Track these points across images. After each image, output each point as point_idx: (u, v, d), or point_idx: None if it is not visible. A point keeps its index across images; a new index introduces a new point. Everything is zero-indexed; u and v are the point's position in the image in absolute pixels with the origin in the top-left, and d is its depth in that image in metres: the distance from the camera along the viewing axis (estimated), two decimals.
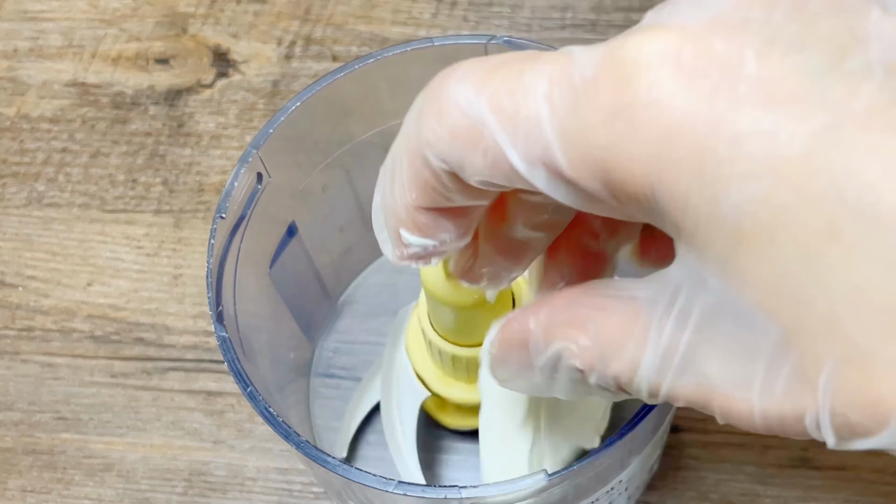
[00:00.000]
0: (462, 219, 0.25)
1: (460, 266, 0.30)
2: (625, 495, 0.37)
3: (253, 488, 0.42)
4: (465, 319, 0.34)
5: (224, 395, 0.44)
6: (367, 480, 0.30)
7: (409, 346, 0.39)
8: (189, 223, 0.49)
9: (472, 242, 0.28)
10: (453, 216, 0.25)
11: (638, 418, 0.30)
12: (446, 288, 0.33)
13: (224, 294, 0.34)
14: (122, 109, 0.52)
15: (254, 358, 0.35)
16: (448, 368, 0.37)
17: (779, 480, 0.41)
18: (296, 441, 0.31)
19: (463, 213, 0.25)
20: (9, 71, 0.54)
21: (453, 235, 0.25)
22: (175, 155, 0.51)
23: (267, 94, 0.52)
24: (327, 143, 0.40)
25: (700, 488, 0.41)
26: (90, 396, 0.45)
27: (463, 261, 0.30)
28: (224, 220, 0.35)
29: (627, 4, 0.52)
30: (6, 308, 0.47)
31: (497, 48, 0.37)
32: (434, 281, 0.33)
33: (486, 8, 0.54)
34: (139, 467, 0.43)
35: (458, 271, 0.31)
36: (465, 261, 0.30)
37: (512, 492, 0.29)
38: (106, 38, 0.55)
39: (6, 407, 0.45)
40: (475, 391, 0.37)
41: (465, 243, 0.26)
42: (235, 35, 0.54)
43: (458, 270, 0.31)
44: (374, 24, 0.54)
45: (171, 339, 0.46)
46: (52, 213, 0.50)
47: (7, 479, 0.43)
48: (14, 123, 0.52)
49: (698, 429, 0.42)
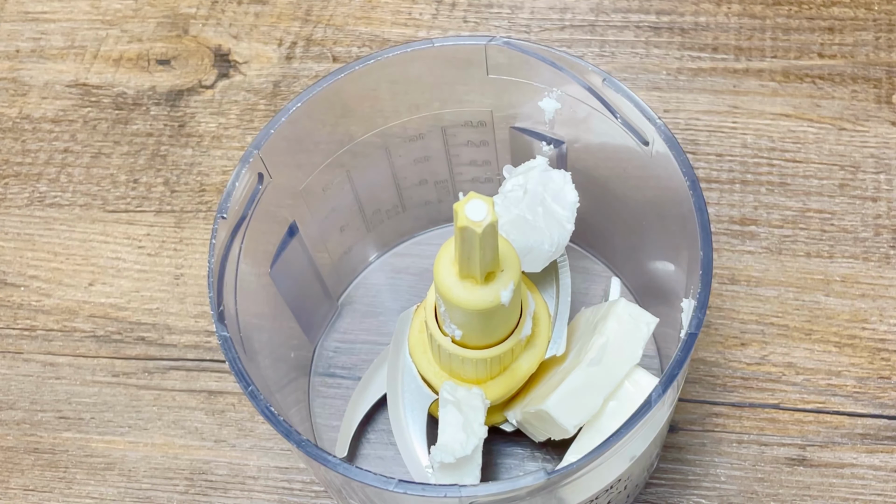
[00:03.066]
0: None
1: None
2: (624, 494, 0.37)
3: (254, 487, 0.42)
4: (479, 321, 0.34)
5: (225, 395, 0.44)
6: (368, 479, 0.30)
7: (412, 349, 0.39)
8: (190, 223, 0.49)
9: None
10: None
11: (636, 417, 0.30)
12: (461, 291, 0.33)
13: (225, 294, 0.34)
14: (123, 110, 0.52)
15: (255, 357, 0.35)
16: (456, 371, 0.37)
17: (777, 479, 0.41)
18: (296, 440, 0.31)
19: None
20: (11, 71, 0.54)
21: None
22: (176, 155, 0.51)
23: (268, 94, 0.52)
24: (327, 143, 0.40)
25: (698, 487, 0.41)
26: (92, 396, 0.45)
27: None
28: (225, 220, 0.35)
29: (626, 6, 0.53)
30: (8, 308, 0.47)
31: (496, 49, 0.37)
32: (448, 284, 0.33)
33: (485, 9, 0.54)
34: (141, 466, 0.43)
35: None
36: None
37: (511, 490, 0.29)
38: (107, 39, 0.55)
39: (8, 406, 0.45)
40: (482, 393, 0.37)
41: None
42: (236, 36, 0.54)
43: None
44: (375, 24, 0.54)
45: (172, 338, 0.46)
46: (54, 214, 0.50)
47: (9, 477, 0.43)
48: (16, 124, 0.53)
49: (697, 428, 0.42)
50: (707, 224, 0.33)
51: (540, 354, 0.37)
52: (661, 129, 0.35)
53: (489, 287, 0.33)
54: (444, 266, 0.33)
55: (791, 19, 0.52)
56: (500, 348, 0.36)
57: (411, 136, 0.42)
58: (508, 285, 0.33)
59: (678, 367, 0.31)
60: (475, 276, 0.32)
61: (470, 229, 0.30)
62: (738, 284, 0.45)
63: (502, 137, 0.42)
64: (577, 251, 0.46)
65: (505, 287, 0.33)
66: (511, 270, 0.33)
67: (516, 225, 0.38)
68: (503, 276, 0.33)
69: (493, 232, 0.31)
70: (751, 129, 0.49)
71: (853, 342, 0.43)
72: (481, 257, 0.31)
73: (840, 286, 0.45)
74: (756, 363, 0.43)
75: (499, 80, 0.38)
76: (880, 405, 0.42)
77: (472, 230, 0.30)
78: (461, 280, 0.33)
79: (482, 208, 0.30)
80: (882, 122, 0.49)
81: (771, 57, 0.51)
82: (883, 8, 0.52)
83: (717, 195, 0.47)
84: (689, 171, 0.34)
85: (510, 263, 0.33)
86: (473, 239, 0.30)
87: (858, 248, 0.45)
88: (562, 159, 0.41)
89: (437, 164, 0.43)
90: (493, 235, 0.31)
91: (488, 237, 0.31)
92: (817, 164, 0.48)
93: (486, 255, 0.32)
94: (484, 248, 0.31)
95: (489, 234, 0.31)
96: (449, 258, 0.33)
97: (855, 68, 0.50)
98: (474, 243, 0.31)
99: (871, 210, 0.46)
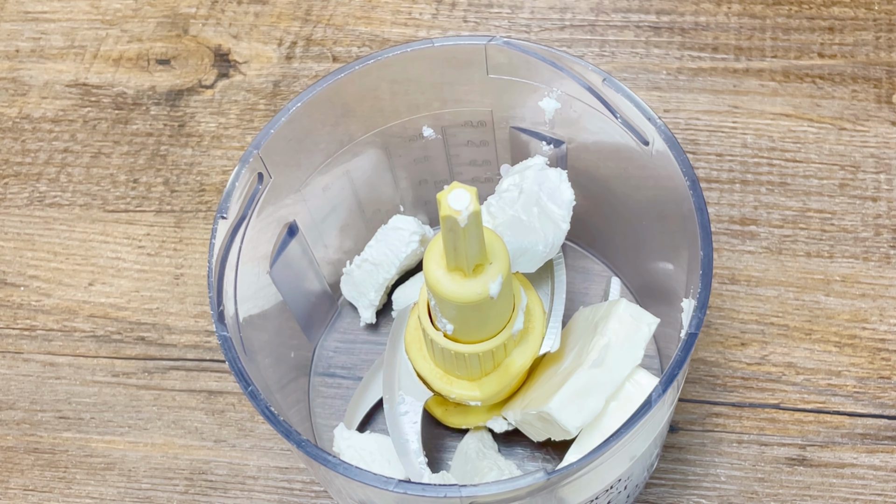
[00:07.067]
0: None
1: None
2: (624, 494, 0.37)
3: (254, 487, 0.42)
4: (469, 315, 0.34)
5: (225, 395, 0.44)
6: (368, 479, 0.30)
7: (408, 346, 0.39)
8: (190, 223, 0.49)
9: None
10: None
11: (636, 417, 0.30)
12: (449, 284, 0.33)
13: (225, 294, 0.34)
14: (123, 110, 0.52)
15: (254, 357, 0.35)
16: (450, 367, 0.37)
17: (777, 479, 0.41)
18: (296, 440, 0.31)
19: None
20: (10, 71, 0.54)
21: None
22: (176, 155, 0.51)
23: (268, 94, 0.52)
24: (327, 143, 0.40)
25: (698, 487, 0.41)
26: (92, 395, 0.45)
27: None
28: (225, 220, 0.35)
29: (626, 6, 0.53)
30: (8, 307, 0.47)
31: (496, 49, 0.37)
32: (437, 277, 0.33)
33: (485, 9, 0.54)
34: (140, 466, 0.43)
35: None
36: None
37: (510, 490, 0.29)
38: (107, 39, 0.55)
39: (8, 406, 0.45)
40: (477, 389, 0.37)
41: None
42: (236, 36, 0.54)
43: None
44: (375, 24, 0.54)
45: (172, 338, 0.46)
46: (54, 213, 0.50)
47: (9, 477, 0.43)
48: (16, 124, 0.53)
49: (697, 428, 0.42)
50: (707, 224, 0.33)
51: (534, 351, 0.37)
52: (661, 129, 0.35)
53: (477, 279, 0.33)
54: (432, 259, 0.33)
55: (791, 19, 0.52)
56: (492, 343, 0.36)
57: (411, 136, 0.42)
58: (497, 278, 0.33)
59: (678, 366, 0.31)
60: (463, 268, 0.33)
61: (453, 218, 0.30)
62: (738, 284, 0.45)
63: (502, 137, 0.42)
64: (577, 251, 0.46)
65: (493, 279, 0.33)
66: (499, 263, 0.33)
67: (511, 226, 0.38)
68: (491, 268, 0.33)
69: (476, 221, 0.31)
70: (751, 128, 0.49)
71: (853, 342, 0.43)
72: (467, 248, 0.32)
73: (840, 286, 0.45)
74: (756, 363, 0.43)
75: (499, 80, 0.38)
76: (880, 405, 0.42)
77: (455, 219, 0.30)
78: (449, 273, 0.33)
79: (465, 197, 0.30)
80: (882, 122, 0.49)
81: (771, 57, 0.51)
82: (883, 8, 0.52)
83: (717, 195, 0.47)
84: (689, 171, 0.34)
85: (499, 256, 0.33)
86: (457, 228, 0.31)
87: (858, 247, 0.45)
88: (562, 159, 0.41)
89: (437, 164, 0.43)
90: (478, 225, 0.31)
91: (472, 227, 0.31)
92: (817, 163, 0.48)
93: (472, 245, 0.32)
94: (468, 238, 0.31)
95: (473, 224, 0.31)
96: (438, 251, 0.33)
97: (855, 68, 0.50)
98: (458, 233, 0.31)
99: (872, 210, 0.46)
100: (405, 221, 0.44)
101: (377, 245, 0.43)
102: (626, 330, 0.36)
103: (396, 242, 0.43)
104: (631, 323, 0.36)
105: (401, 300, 0.44)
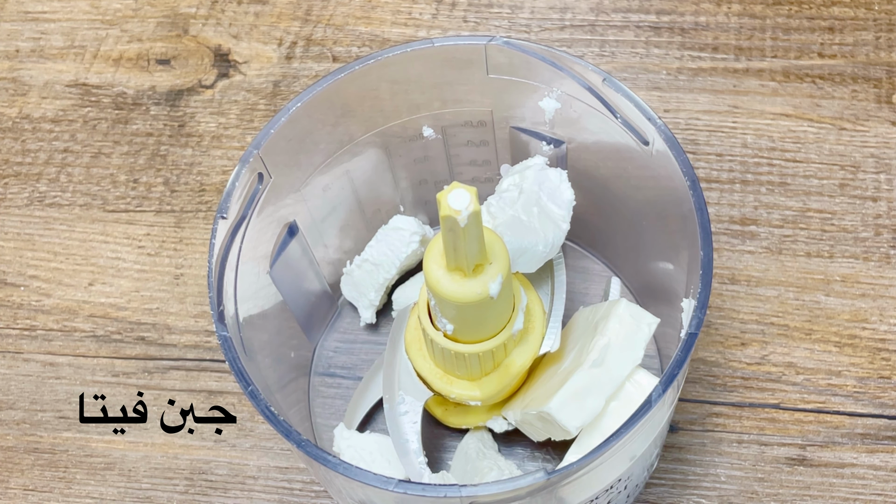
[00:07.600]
0: None
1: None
2: (624, 494, 0.37)
3: (254, 487, 0.42)
4: (469, 315, 0.34)
5: (225, 395, 0.44)
6: (368, 479, 0.30)
7: (408, 346, 0.39)
8: (190, 223, 0.49)
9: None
10: None
11: (636, 417, 0.30)
12: (449, 284, 0.33)
13: (225, 294, 0.34)
14: (123, 110, 0.52)
15: (254, 357, 0.35)
16: (450, 367, 0.37)
17: (777, 479, 0.41)
18: (296, 440, 0.31)
19: None
20: (10, 71, 0.54)
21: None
22: (176, 155, 0.51)
23: (268, 94, 0.52)
24: (327, 143, 0.40)
25: (698, 487, 0.41)
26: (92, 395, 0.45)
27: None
28: (225, 220, 0.35)
29: (626, 6, 0.53)
30: (8, 307, 0.47)
31: (496, 49, 0.37)
32: (437, 277, 0.33)
33: (485, 9, 0.54)
34: (140, 466, 0.43)
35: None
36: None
37: (510, 490, 0.29)
38: (107, 39, 0.55)
39: (8, 406, 0.45)
40: (477, 389, 0.37)
41: None
42: (236, 36, 0.54)
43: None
44: (375, 24, 0.54)
45: (172, 338, 0.46)
46: (54, 213, 0.50)
47: (9, 477, 0.43)
48: (16, 124, 0.53)
49: (697, 428, 0.42)
50: (707, 224, 0.33)
51: (534, 351, 0.37)
52: (661, 129, 0.35)
53: (477, 279, 0.33)
54: (432, 259, 0.33)
55: (791, 19, 0.52)
56: (492, 343, 0.36)
57: (411, 136, 0.42)
58: (497, 277, 0.33)
59: (678, 366, 0.31)
60: (463, 268, 0.33)
61: (453, 218, 0.30)
62: (738, 284, 0.45)
63: (502, 137, 0.42)
64: (577, 251, 0.46)
65: (493, 279, 0.33)
66: (499, 263, 0.33)
67: (511, 226, 0.38)
68: (491, 268, 0.33)
69: (476, 221, 0.31)
70: (751, 128, 0.49)
71: (853, 342, 0.43)
72: (467, 248, 0.32)
73: (840, 286, 0.45)
74: (756, 363, 0.43)
75: (499, 80, 0.38)
76: (880, 405, 0.42)
77: (455, 219, 0.30)
78: (449, 273, 0.33)
79: (465, 197, 0.30)
80: (882, 122, 0.49)
81: (771, 57, 0.51)
82: (883, 8, 0.52)
83: (717, 195, 0.47)
84: (689, 171, 0.34)
85: (499, 256, 0.33)
86: (457, 228, 0.31)
87: (858, 247, 0.45)
88: (562, 159, 0.41)
89: (437, 164, 0.43)
90: (477, 225, 0.31)
91: (472, 226, 0.31)
92: (817, 163, 0.48)
93: (472, 245, 0.32)
94: (468, 238, 0.31)
95: (473, 224, 0.31)
96: (438, 251, 0.33)
97: (855, 68, 0.50)
98: (458, 233, 0.31)
99: (871, 210, 0.46)
100: (405, 221, 0.44)
101: (377, 245, 0.43)
102: (626, 330, 0.36)
103: (397, 242, 0.43)
104: (631, 323, 0.36)
105: (401, 300, 0.44)
